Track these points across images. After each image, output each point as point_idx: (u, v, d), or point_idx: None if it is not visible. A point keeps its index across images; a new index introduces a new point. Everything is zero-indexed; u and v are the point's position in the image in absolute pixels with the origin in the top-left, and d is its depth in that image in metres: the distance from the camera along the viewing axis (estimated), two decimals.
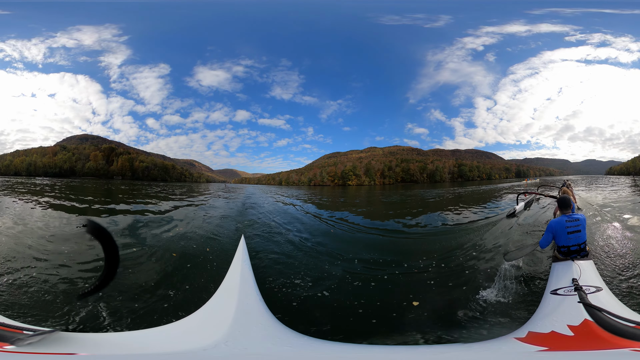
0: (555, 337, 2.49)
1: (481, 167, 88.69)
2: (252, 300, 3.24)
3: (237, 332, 2.46)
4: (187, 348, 2.18)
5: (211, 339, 2.28)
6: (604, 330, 2.30)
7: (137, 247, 7.35)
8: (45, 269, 5.42)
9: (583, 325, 2.47)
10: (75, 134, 79.64)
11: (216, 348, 2.15)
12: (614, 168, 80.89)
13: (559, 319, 2.73)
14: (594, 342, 2.24)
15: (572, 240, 4.35)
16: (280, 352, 2.34)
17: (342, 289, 5.00)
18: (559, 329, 2.54)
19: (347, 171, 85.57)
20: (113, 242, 2.22)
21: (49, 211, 12.73)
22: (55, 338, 1.99)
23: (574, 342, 2.33)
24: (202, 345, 2.18)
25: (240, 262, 4.44)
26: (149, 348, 2.21)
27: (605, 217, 9.94)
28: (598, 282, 3.48)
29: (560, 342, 2.41)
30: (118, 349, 2.11)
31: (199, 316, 2.84)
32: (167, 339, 2.40)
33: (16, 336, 1.92)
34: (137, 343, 2.28)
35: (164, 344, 2.32)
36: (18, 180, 49.21)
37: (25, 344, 1.85)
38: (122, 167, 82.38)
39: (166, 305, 4.24)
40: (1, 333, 1.97)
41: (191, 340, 2.32)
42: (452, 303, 4.36)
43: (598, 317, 2.45)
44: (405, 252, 6.65)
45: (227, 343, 2.23)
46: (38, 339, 1.90)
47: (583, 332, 2.39)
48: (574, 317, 2.62)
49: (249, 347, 2.32)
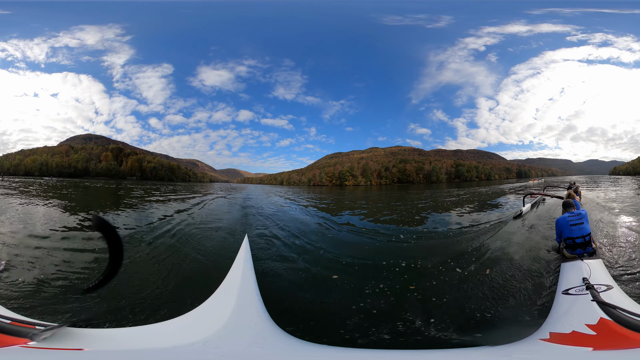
0: (578, 336, 2.46)
1: (480, 168, 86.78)
2: (250, 301, 3.22)
3: (224, 333, 2.44)
4: (160, 346, 2.19)
5: (193, 338, 2.28)
6: (623, 327, 2.31)
7: (144, 242, 7.49)
8: (50, 264, 5.53)
9: (601, 324, 2.46)
10: (78, 134, 79.69)
11: (191, 347, 2.15)
12: (619, 168, 77.46)
13: (575, 319, 2.71)
14: (618, 340, 2.24)
15: (576, 232, 4.65)
16: (262, 355, 2.28)
17: (343, 291, 4.95)
18: (578, 329, 2.52)
19: (344, 172, 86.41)
20: (117, 237, 2.20)
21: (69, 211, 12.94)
22: (64, 333, 2.01)
23: (599, 341, 2.31)
24: (175, 344, 2.19)
25: (243, 261, 4.45)
26: (152, 343, 2.25)
27: (612, 216, 9.94)
28: (608, 281, 3.46)
29: (586, 341, 2.37)
30: (124, 344, 2.16)
31: (195, 314, 2.83)
32: (168, 335, 2.42)
33: (31, 332, 1.94)
34: (140, 338, 2.33)
35: (166, 339, 2.35)
36: (31, 180, 47.85)
37: (41, 339, 1.87)
38: (132, 167, 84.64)
39: (166, 302, 4.26)
40: (17, 329, 1.99)
41: (173, 339, 2.33)
42: (466, 306, 4.24)
43: (615, 315, 2.45)
44: (410, 256, 6.54)
45: (205, 343, 2.21)
46: (50, 334, 1.92)
47: (603, 330, 2.39)
48: (590, 316, 2.60)
49: (229, 348, 2.28)
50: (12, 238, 7.39)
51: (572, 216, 4.87)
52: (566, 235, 4.82)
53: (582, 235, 4.69)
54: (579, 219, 4.79)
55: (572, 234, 4.74)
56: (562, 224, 4.91)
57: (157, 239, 8.05)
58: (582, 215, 4.85)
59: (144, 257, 6.54)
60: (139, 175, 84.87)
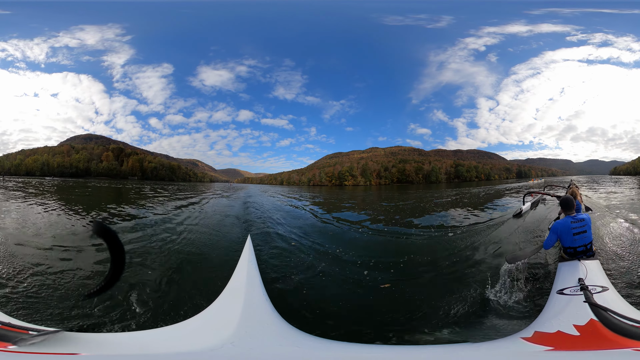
0: (561, 336, 2.49)
1: (480, 168, 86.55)
2: (258, 300, 3.24)
3: (244, 333, 2.46)
4: (192, 349, 2.18)
5: (217, 339, 2.29)
6: (608, 330, 2.31)
7: (145, 246, 7.47)
8: (52, 269, 5.48)
9: (589, 325, 2.46)
10: (78, 134, 79.38)
11: (223, 348, 2.15)
12: (619, 168, 76.86)
13: (565, 319, 2.71)
14: (599, 341, 2.24)
15: (578, 242, 4.22)
16: (288, 353, 2.31)
17: (344, 290, 5.02)
18: (565, 329, 2.54)
19: (344, 172, 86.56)
20: (119, 242, 2.20)
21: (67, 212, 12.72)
22: (59, 338, 1.99)
23: (579, 342, 2.33)
24: (209, 346, 2.19)
25: (247, 262, 4.42)
26: (153, 348, 2.23)
27: (612, 216, 9.90)
28: (604, 282, 3.44)
29: (565, 341, 2.40)
30: (121, 349, 2.13)
31: (204, 316, 2.84)
32: (172, 340, 2.42)
33: (20, 336, 1.92)
34: (140, 343, 2.29)
35: (169, 344, 2.33)
36: (37, 180, 47.70)
37: (27, 344, 1.85)
38: (133, 167, 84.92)
39: (172, 306, 4.22)
40: (4, 333, 1.97)
41: (197, 341, 2.32)
42: (459, 303, 4.28)
43: (603, 317, 2.45)
44: (414, 254, 6.62)
45: (233, 343, 2.23)
46: (41, 339, 1.90)
47: (588, 331, 2.39)
48: (580, 316, 2.61)
49: (256, 347, 2.31)
50: (21, 239, 7.38)
51: (575, 222, 4.26)
52: (567, 244, 4.27)
53: (584, 244, 4.21)
54: (583, 226, 4.22)
55: (574, 243, 4.21)
56: (563, 230, 4.27)
57: (168, 238, 8.22)
58: (585, 222, 4.27)
59: (155, 252, 6.72)
60: (140, 175, 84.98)
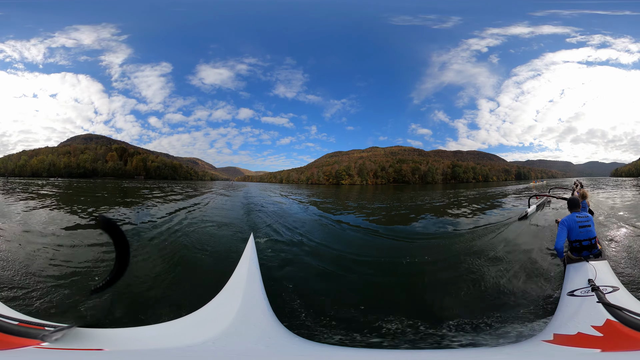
0: (583, 338, 2.44)
1: (477, 169, 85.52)
2: (256, 300, 3.25)
3: (232, 331, 2.47)
4: (175, 345, 2.21)
5: (204, 336, 2.30)
6: (630, 329, 2.30)
7: (151, 242, 7.56)
8: (58, 265, 5.56)
9: (607, 325, 2.43)
10: (78, 134, 79.96)
11: (203, 345, 2.17)
12: (620, 169, 75.11)
13: (581, 320, 2.68)
14: (625, 341, 2.22)
15: (584, 234, 4.48)
16: (268, 354, 2.31)
17: (345, 290, 5.03)
18: (584, 330, 2.50)
19: (341, 171, 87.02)
20: (124, 237, 2.19)
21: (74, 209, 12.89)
22: (75, 333, 2.00)
23: (606, 342, 2.30)
24: (189, 343, 2.21)
25: (248, 260, 4.45)
26: (159, 343, 2.26)
27: (617, 218, 9.93)
28: (614, 282, 3.43)
29: (592, 342, 2.35)
30: (139, 343, 2.19)
31: (201, 313, 2.86)
32: (165, 335, 2.45)
33: (41, 333, 1.92)
34: (151, 338, 2.34)
35: (161, 340, 2.36)
36: (53, 182, 46.43)
37: (53, 340, 1.86)
38: (137, 166, 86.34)
39: (173, 301, 4.29)
40: (27, 330, 1.98)
41: (186, 338, 2.34)
42: (472, 306, 4.27)
43: (620, 317, 2.44)
44: (414, 254, 6.64)
45: (215, 342, 2.24)
46: (60, 335, 1.91)
47: (610, 332, 2.37)
48: (596, 317, 2.59)
49: (239, 347, 2.33)
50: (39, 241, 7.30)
51: (580, 217, 4.55)
52: (574, 237, 4.53)
53: (589, 238, 4.48)
54: (587, 220, 4.54)
55: (579, 236, 4.47)
56: (570, 224, 4.55)
57: (171, 236, 8.28)
58: (589, 218, 4.59)
59: (157, 251, 6.78)
60: (144, 174, 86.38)
